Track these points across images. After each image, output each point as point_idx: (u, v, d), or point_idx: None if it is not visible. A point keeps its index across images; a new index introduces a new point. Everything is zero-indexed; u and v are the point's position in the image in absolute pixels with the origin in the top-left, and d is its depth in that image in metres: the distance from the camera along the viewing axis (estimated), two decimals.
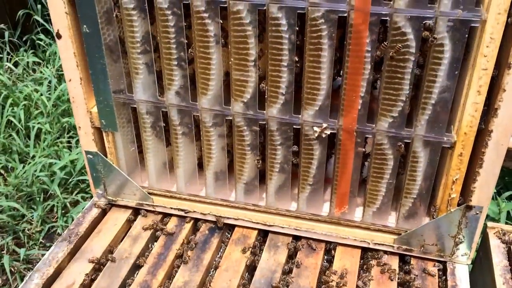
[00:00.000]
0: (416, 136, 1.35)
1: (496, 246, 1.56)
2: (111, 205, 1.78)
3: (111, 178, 1.71)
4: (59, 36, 1.44)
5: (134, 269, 1.55)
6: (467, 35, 1.16)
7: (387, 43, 1.21)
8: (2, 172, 3.09)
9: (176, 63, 1.41)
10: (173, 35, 1.36)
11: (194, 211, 1.70)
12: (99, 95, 1.52)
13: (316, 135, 1.42)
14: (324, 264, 1.56)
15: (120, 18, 1.39)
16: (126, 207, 1.77)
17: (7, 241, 2.69)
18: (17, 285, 2.53)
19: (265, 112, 1.43)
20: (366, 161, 1.50)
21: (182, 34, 1.37)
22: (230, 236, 1.67)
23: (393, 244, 1.55)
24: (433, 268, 1.52)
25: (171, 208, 1.72)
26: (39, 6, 4.19)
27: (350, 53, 1.25)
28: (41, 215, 2.81)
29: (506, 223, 2.38)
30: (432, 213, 1.47)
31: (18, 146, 3.17)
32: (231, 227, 1.70)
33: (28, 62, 4.00)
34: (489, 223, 1.62)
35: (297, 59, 1.32)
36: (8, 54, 4.06)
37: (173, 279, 1.52)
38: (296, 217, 1.62)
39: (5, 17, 4.11)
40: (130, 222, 1.74)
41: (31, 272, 1.51)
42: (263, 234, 1.68)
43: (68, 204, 2.85)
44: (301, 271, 1.52)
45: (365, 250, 1.60)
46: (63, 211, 2.84)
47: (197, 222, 1.72)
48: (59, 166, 2.93)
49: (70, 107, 3.41)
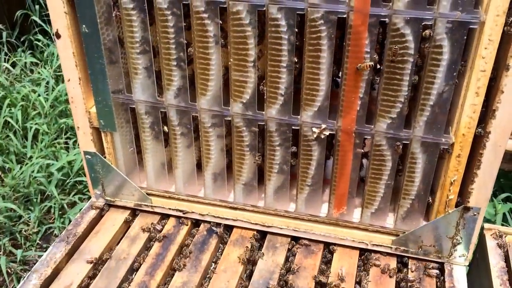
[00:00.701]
0: (414, 137, 1.35)
1: (493, 247, 1.57)
2: (109, 205, 1.79)
3: (109, 179, 1.71)
4: (58, 36, 1.44)
5: (132, 270, 1.56)
6: (465, 37, 1.17)
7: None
8: None
9: (175, 63, 1.42)
10: (173, 35, 1.37)
11: (193, 212, 1.71)
12: (98, 95, 1.53)
13: (315, 136, 1.43)
14: (322, 265, 1.57)
15: (119, 18, 1.39)
16: (124, 207, 1.77)
17: (4, 242, 2.69)
18: (14, 287, 2.53)
19: (264, 112, 1.44)
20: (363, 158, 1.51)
21: (182, 35, 1.37)
22: (229, 237, 1.67)
23: (391, 245, 1.56)
24: (431, 269, 1.52)
25: (170, 209, 1.72)
26: (37, 6, 4.19)
27: (349, 54, 1.26)
28: (38, 216, 2.81)
29: (502, 225, 2.39)
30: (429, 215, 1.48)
31: (15, 147, 3.17)
32: (229, 228, 1.71)
33: (26, 62, 4.00)
34: (486, 225, 1.63)
35: (296, 60, 1.33)
36: (5, 54, 4.06)
37: (171, 279, 1.52)
38: (295, 218, 1.63)
39: (3, 18, 4.11)
40: (128, 223, 1.74)
41: (29, 273, 1.51)
42: (261, 235, 1.69)
43: (65, 205, 2.85)
44: (300, 272, 1.52)
45: (363, 251, 1.61)
46: (60, 212, 2.84)
47: (195, 223, 1.73)
48: (57, 167, 2.93)
49: (68, 108, 3.42)
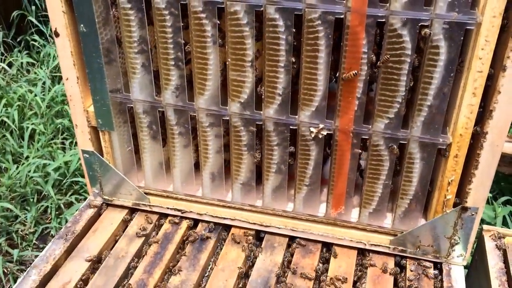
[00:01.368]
0: (412, 138, 1.38)
1: (491, 248, 1.60)
2: (108, 204, 1.82)
3: (107, 178, 1.74)
4: (56, 35, 1.47)
5: (130, 268, 1.59)
6: (462, 38, 1.19)
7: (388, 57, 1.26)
8: None
9: (173, 63, 1.45)
10: (170, 35, 1.40)
11: (191, 211, 1.74)
12: (96, 95, 1.56)
13: (313, 136, 1.46)
14: (320, 265, 1.60)
15: (117, 17, 1.42)
16: (122, 207, 1.80)
17: (0, 242, 2.72)
18: (10, 287, 2.56)
19: (262, 112, 1.47)
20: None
21: (179, 34, 1.40)
22: (227, 237, 1.70)
23: (389, 245, 1.59)
24: (429, 269, 1.55)
25: (168, 208, 1.75)
26: (33, 7, 4.23)
27: (346, 55, 1.29)
28: (34, 216, 2.84)
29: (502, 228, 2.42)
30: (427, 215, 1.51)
31: (12, 147, 3.20)
32: (227, 228, 1.74)
33: (22, 62, 4.04)
34: (484, 226, 1.66)
35: (294, 60, 1.36)
36: (2, 54, 4.10)
37: (169, 278, 1.55)
38: (293, 218, 1.66)
39: None
40: (126, 222, 1.77)
41: (29, 268, 1.55)
42: (259, 235, 1.72)
43: (62, 205, 2.88)
44: (298, 271, 1.55)
45: (361, 251, 1.64)
46: (56, 212, 2.87)
47: (194, 222, 1.76)
48: (53, 167, 2.96)
49: (64, 108, 3.45)
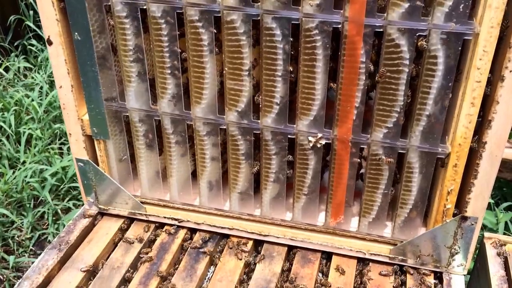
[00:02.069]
0: (411, 147, 1.41)
1: (492, 256, 1.62)
2: (103, 213, 1.84)
3: (102, 187, 1.76)
4: (50, 43, 1.49)
5: (126, 279, 1.61)
6: (460, 48, 1.22)
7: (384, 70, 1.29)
8: None
9: (169, 71, 1.47)
10: (166, 43, 1.42)
11: (188, 221, 1.76)
12: (91, 103, 1.58)
13: (311, 145, 1.48)
14: (319, 274, 1.62)
15: (112, 26, 1.44)
16: (118, 216, 1.83)
17: None
18: None
19: (259, 121, 1.49)
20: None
21: (175, 43, 1.42)
22: (225, 246, 1.73)
23: (389, 255, 1.61)
24: (429, 278, 1.58)
25: (164, 217, 1.77)
26: (31, 12, 4.26)
27: (344, 64, 1.31)
28: (31, 222, 2.86)
29: (504, 234, 2.45)
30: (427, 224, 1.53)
31: (8, 152, 3.23)
32: (225, 237, 1.76)
33: (19, 67, 4.07)
34: (486, 234, 1.68)
35: (291, 69, 1.38)
36: None
37: None
38: (292, 227, 1.68)
39: None
40: (122, 231, 1.79)
41: (20, 280, 1.57)
42: (258, 244, 1.75)
43: (59, 211, 2.91)
44: (297, 281, 1.58)
45: (361, 261, 1.66)
46: (54, 218, 2.89)
47: (191, 232, 1.79)
48: (50, 173, 2.98)
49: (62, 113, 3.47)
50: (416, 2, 1.19)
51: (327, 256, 1.69)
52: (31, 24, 4.23)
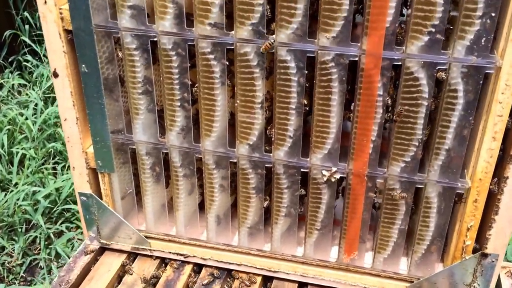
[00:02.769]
0: (429, 182, 1.39)
1: (508, 286, 1.60)
2: (104, 248, 1.80)
3: (105, 221, 1.73)
4: (55, 75, 1.48)
5: None
6: (481, 82, 1.21)
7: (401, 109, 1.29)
8: None
9: (179, 104, 1.46)
10: (177, 75, 1.41)
11: (194, 256, 1.73)
12: (96, 136, 1.56)
13: (325, 179, 1.46)
14: None
15: (121, 57, 1.43)
16: (120, 251, 1.79)
17: None
18: None
19: (271, 155, 1.47)
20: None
21: (186, 75, 1.41)
22: (233, 283, 1.69)
23: None
24: None
25: (170, 252, 1.74)
26: (26, 26, 4.24)
27: (361, 97, 1.31)
28: (22, 247, 2.80)
29: None
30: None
31: (0, 173, 3.18)
32: (233, 273, 1.72)
33: (13, 84, 4.03)
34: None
35: (305, 102, 1.37)
36: None
37: None
38: (303, 263, 1.65)
39: None
40: (125, 267, 1.75)
41: None
42: (267, 281, 1.71)
43: (52, 235, 2.85)
44: None
45: None
46: (46, 243, 2.83)
47: (197, 268, 1.75)
48: (43, 194, 2.93)
49: (57, 131, 3.44)
50: (436, 35, 1.18)
51: None
52: (27, 39, 4.21)
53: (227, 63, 1.37)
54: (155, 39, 1.37)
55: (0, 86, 4.02)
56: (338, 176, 1.45)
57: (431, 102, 1.28)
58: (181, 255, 1.73)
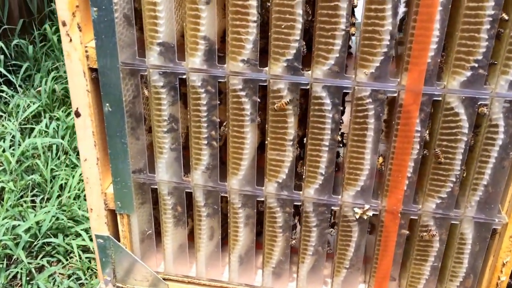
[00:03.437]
0: (465, 218, 1.33)
1: None
2: None
3: (121, 263, 1.61)
4: (77, 115, 1.39)
5: None
6: None
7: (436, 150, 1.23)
8: None
9: (205, 142, 1.37)
10: (205, 113, 1.33)
11: None
12: (117, 176, 1.46)
13: (357, 217, 1.39)
14: None
15: (147, 96, 1.35)
16: None
17: None
18: None
19: (301, 192, 1.39)
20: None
21: (214, 112, 1.34)
22: None
23: None
24: None
25: None
26: (1, 56, 4.11)
27: (398, 133, 1.25)
28: (3, 283, 2.63)
29: None
30: None
31: None
32: None
33: None
34: None
35: (340, 139, 1.30)
36: None
37: None
38: None
39: None
40: None
41: None
42: None
43: (33, 270, 2.69)
44: None
45: None
46: (27, 278, 2.67)
47: None
48: (24, 229, 2.78)
49: (35, 162, 3.29)
50: (478, 71, 1.14)
51: None
52: (2, 70, 4.07)
53: (259, 100, 1.30)
54: (183, 77, 1.30)
55: None
56: (371, 213, 1.38)
57: (470, 137, 1.22)
58: None
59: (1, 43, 4.18)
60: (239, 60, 1.24)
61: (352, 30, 1.15)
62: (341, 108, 1.26)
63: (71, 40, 1.29)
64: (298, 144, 1.36)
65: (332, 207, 1.40)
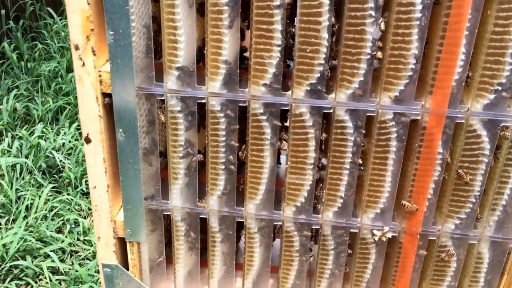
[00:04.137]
0: (483, 238, 1.31)
1: None
2: None
3: None
4: (88, 141, 1.31)
5: None
6: None
7: None
8: None
9: (223, 167, 1.32)
10: (223, 138, 1.28)
11: None
12: (128, 203, 1.39)
13: (376, 239, 1.35)
14: None
15: (163, 121, 1.29)
16: None
17: None
18: None
19: (319, 216, 1.35)
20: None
21: (233, 137, 1.28)
22: None
23: None
24: None
25: None
26: None
27: (421, 156, 1.22)
28: None
29: None
30: None
31: None
32: None
33: None
34: None
35: (361, 162, 1.27)
36: None
37: None
38: None
39: None
40: None
41: None
42: None
43: None
44: None
45: None
46: None
47: None
48: None
49: None
50: (502, 94, 1.13)
51: None
52: None
53: (280, 124, 1.25)
54: (203, 101, 1.24)
55: None
56: (390, 235, 1.35)
57: (491, 159, 1.21)
58: None
59: None
60: (261, 84, 1.20)
61: (379, 54, 1.12)
62: (363, 131, 1.23)
63: (83, 64, 1.22)
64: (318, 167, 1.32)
65: (351, 230, 1.36)
